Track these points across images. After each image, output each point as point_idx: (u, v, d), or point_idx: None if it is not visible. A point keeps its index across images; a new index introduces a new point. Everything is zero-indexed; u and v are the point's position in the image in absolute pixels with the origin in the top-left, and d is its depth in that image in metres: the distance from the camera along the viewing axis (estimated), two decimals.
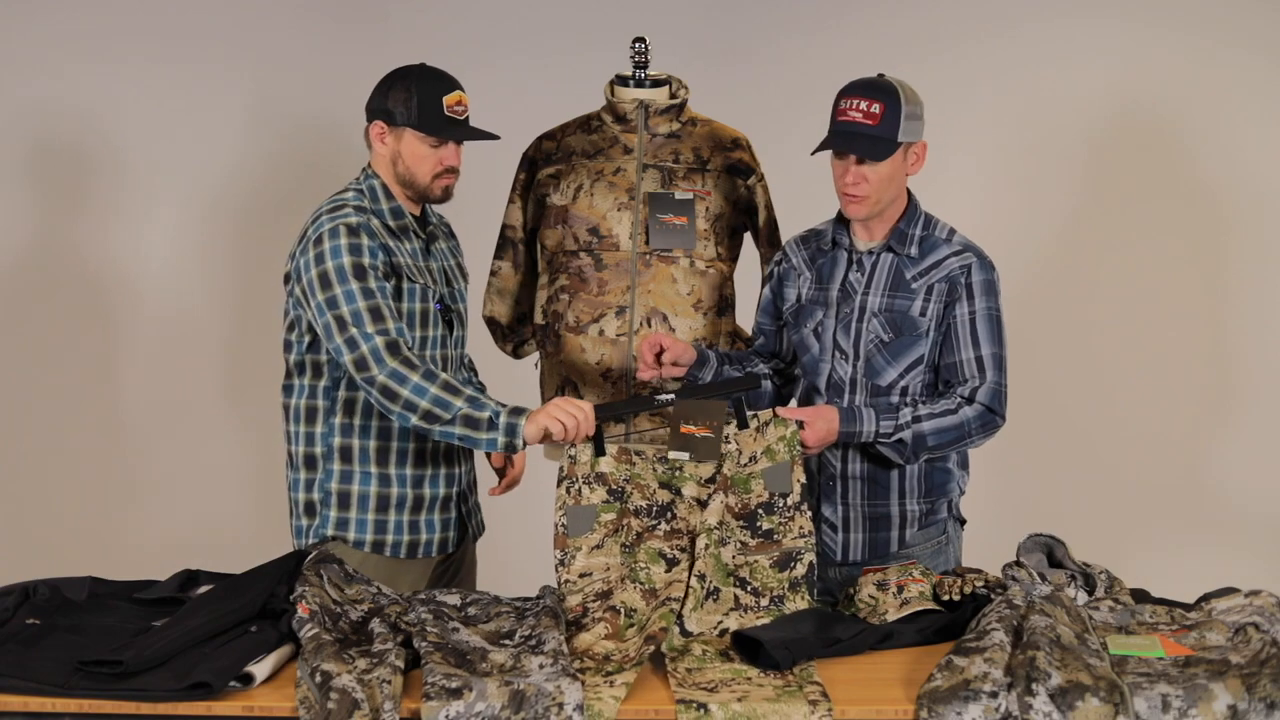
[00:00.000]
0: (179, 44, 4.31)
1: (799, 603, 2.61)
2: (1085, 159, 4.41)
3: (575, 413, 2.66)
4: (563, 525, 2.68)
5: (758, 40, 4.42)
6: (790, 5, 4.43)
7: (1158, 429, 4.42)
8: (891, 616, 2.57)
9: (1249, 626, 2.41)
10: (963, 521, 3.01)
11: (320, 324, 2.73)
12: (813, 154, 2.85)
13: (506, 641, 2.42)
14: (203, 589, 2.57)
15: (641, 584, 2.60)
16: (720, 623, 2.55)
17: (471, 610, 2.57)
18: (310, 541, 2.85)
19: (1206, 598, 2.59)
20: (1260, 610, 2.47)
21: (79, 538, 4.36)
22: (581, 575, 2.64)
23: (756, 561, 2.65)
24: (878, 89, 2.80)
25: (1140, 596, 2.65)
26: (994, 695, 2.17)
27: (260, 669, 2.27)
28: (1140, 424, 4.42)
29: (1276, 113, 4.34)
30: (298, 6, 4.36)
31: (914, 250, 2.86)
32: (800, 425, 2.73)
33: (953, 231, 2.90)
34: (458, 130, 2.85)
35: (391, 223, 2.85)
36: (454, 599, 2.60)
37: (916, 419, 2.79)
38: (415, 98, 2.81)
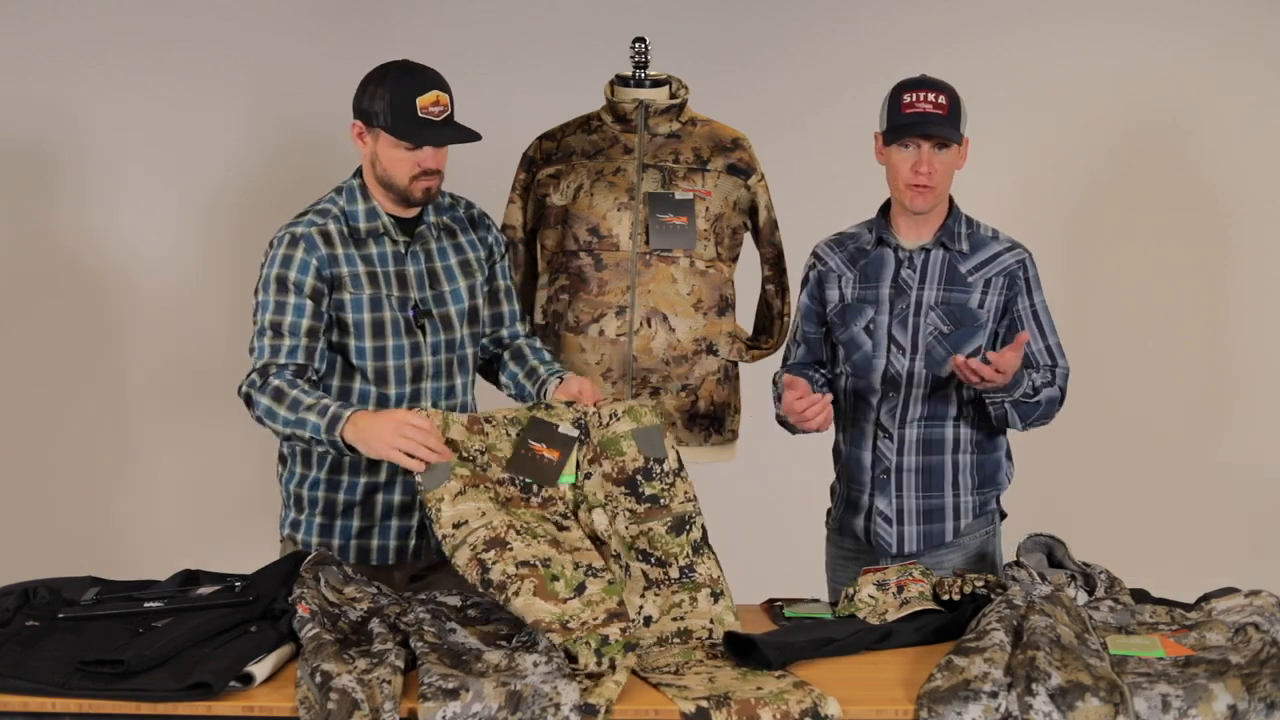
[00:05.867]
0: (179, 44, 4.31)
1: (708, 564, 2.57)
2: (1085, 160, 4.40)
3: (414, 435, 2.51)
4: (419, 484, 2.52)
5: (758, 40, 4.41)
6: (790, 5, 4.43)
7: (1159, 430, 4.42)
8: (891, 616, 2.57)
9: (1249, 626, 2.41)
10: (1003, 515, 3.03)
11: None
12: (887, 145, 2.84)
13: (503, 643, 2.41)
14: (203, 589, 2.57)
15: (541, 536, 2.44)
16: (641, 606, 2.51)
17: (472, 611, 2.57)
18: (284, 533, 2.91)
19: (1206, 598, 2.59)
20: (1260, 610, 2.47)
21: (79, 538, 4.36)
22: (456, 525, 2.45)
23: (651, 529, 2.59)
24: (939, 84, 2.86)
25: (1140, 596, 2.65)
26: (994, 695, 2.17)
27: (260, 669, 2.27)
28: (1141, 424, 4.42)
29: (1277, 114, 4.34)
30: (298, 6, 4.35)
31: (964, 246, 2.92)
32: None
33: (994, 229, 2.97)
34: (430, 133, 2.73)
35: (363, 225, 2.81)
36: (455, 600, 2.60)
37: (1041, 385, 2.85)
38: (389, 98, 2.72)
